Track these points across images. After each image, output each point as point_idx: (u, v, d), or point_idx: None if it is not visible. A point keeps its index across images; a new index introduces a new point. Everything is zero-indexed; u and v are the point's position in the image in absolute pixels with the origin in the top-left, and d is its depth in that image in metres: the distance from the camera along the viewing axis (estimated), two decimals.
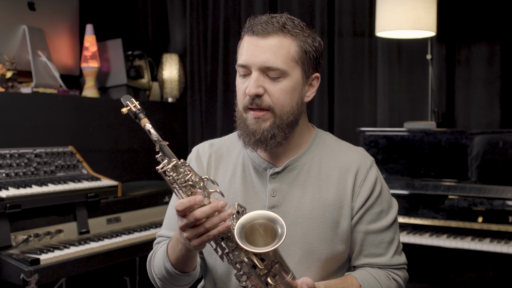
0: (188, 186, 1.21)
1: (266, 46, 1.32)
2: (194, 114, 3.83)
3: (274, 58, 1.31)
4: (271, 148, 1.36)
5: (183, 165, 1.23)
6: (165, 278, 1.39)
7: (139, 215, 2.88)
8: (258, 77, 1.32)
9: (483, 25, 2.95)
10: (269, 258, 1.18)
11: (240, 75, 1.37)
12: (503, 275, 2.61)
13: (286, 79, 1.33)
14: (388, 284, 1.39)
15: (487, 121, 2.95)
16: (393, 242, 1.42)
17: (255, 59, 1.32)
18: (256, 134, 1.34)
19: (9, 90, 2.77)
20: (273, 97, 1.33)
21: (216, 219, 1.18)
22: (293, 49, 1.34)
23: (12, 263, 2.14)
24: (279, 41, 1.32)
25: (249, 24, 1.36)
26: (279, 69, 1.32)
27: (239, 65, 1.36)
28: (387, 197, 1.44)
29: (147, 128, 1.26)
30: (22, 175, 2.44)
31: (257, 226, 1.20)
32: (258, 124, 1.34)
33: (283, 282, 1.21)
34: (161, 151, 1.24)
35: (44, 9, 3.11)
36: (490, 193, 2.54)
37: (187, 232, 1.19)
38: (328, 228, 1.37)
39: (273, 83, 1.33)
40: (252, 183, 1.42)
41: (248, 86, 1.32)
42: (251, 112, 1.34)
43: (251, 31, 1.34)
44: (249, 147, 1.38)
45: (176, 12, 3.95)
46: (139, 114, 1.28)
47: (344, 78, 3.31)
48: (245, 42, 1.36)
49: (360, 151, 1.48)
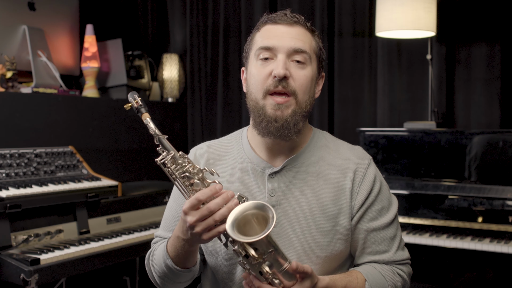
0: (187, 177, 1.22)
1: (294, 33, 1.37)
2: (194, 114, 3.83)
3: (302, 43, 1.36)
4: (291, 136, 1.36)
5: (182, 156, 1.25)
6: (165, 275, 1.39)
7: (139, 215, 2.88)
8: (285, 59, 1.34)
9: (483, 25, 2.95)
10: (262, 247, 1.18)
11: (259, 59, 1.37)
12: (503, 275, 2.61)
13: (309, 67, 1.37)
14: (393, 278, 1.40)
15: (487, 121, 2.95)
16: (395, 238, 1.43)
17: (283, 42, 1.35)
18: (278, 120, 1.33)
19: (9, 90, 2.77)
20: (298, 82, 1.34)
21: (225, 210, 1.19)
22: (313, 43, 1.40)
23: (12, 263, 2.14)
24: (303, 32, 1.39)
25: (269, 17, 1.40)
26: (307, 52, 1.36)
27: (263, 47, 1.36)
28: (386, 194, 1.45)
29: (145, 121, 1.30)
30: (22, 175, 2.44)
31: (249, 217, 1.21)
32: (280, 111, 1.33)
33: (281, 270, 1.20)
34: (160, 143, 1.27)
35: (44, 9, 3.11)
36: (490, 193, 2.54)
37: (198, 227, 1.19)
38: (327, 227, 1.37)
39: (298, 69, 1.35)
40: (251, 183, 1.42)
41: (277, 67, 1.33)
42: (273, 97, 1.34)
43: (274, 21, 1.38)
44: (268, 136, 1.37)
45: (176, 12, 3.95)
46: (141, 109, 1.32)
47: (344, 78, 3.31)
48: (268, 30, 1.39)
49: (357, 150, 1.48)
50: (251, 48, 1.42)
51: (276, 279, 1.21)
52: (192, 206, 1.19)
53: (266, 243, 1.19)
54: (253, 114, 1.38)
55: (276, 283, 1.21)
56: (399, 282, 1.42)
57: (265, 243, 1.19)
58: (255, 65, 1.38)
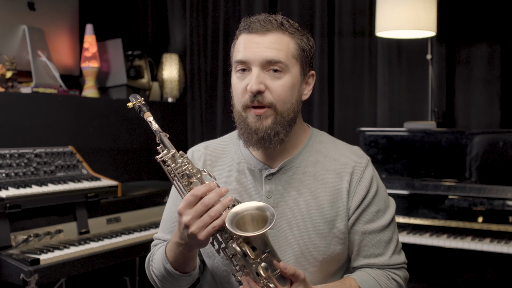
0: (186, 176, 1.23)
1: (266, 42, 1.31)
2: (194, 114, 3.83)
3: (276, 52, 1.31)
4: (274, 146, 1.34)
5: (182, 156, 1.26)
6: (165, 279, 1.39)
7: (139, 215, 2.88)
8: (259, 73, 1.31)
9: (483, 25, 2.94)
10: (259, 246, 1.19)
11: (237, 71, 1.36)
12: (503, 275, 2.61)
13: (287, 75, 1.33)
14: (387, 284, 1.38)
15: (487, 121, 2.95)
16: (391, 241, 1.41)
17: (255, 55, 1.31)
18: (259, 132, 1.32)
19: (9, 90, 2.77)
20: (275, 93, 1.31)
21: (219, 206, 1.19)
22: (292, 46, 1.34)
23: (12, 263, 2.14)
24: (279, 37, 1.32)
25: (245, 23, 1.35)
26: (281, 61, 1.31)
27: (238, 61, 1.34)
28: (383, 197, 1.43)
29: (149, 120, 1.30)
30: (22, 175, 2.44)
31: (248, 217, 1.21)
32: (260, 122, 1.32)
33: (275, 274, 1.20)
34: (161, 142, 1.27)
35: (44, 9, 3.11)
36: (490, 193, 2.54)
37: (193, 226, 1.19)
38: (324, 229, 1.36)
39: (274, 80, 1.31)
40: (247, 185, 1.41)
41: (250, 82, 1.31)
42: (252, 110, 1.32)
43: (249, 29, 1.33)
44: (251, 146, 1.36)
45: (176, 12, 3.95)
46: (143, 107, 1.32)
47: (344, 78, 3.31)
48: (243, 39, 1.35)
49: (356, 151, 1.46)
50: (232, 58, 1.40)
51: (270, 282, 1.20)
52: (187, 203, 1.19)
53: (263, 242, 1.19)
54: (238, 125, 1.38)
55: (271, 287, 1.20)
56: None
57: (263, 242, 1.19)
58: (234, 78, 1.37)
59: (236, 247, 1.19)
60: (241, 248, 1.18)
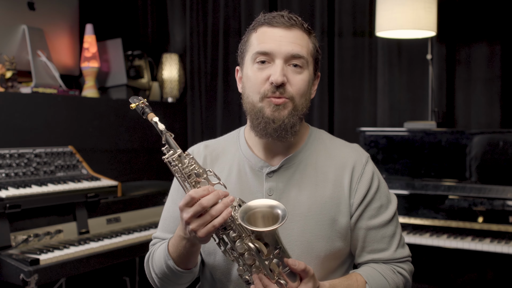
0: (193, 176, 1.24)
1: (291, 37, 1.35)
2: (194, 114, 3.83)
3: (300, 47, 1.35)
4: (289, 137, 1.37)
5: (187, 156, 1.26)
6: (166, 276, 1.39)
7: (139, 215, 2.88)
8: (283, 65, 1.34)
9: (483, 25, 2.94)
10: (271, 242, 1.20)
11: (256, 62, 1.36)
12: (503, 275, 2.61)
13: (306, 71, 1.37)
14: (393, 278, 1.39)
15: (487, 121, 2.95)
16: (395, 235, 1.43)
17: (281, 48, 1.34)
18: (276, 121, 1.34)
19: (9, 90, 2.77)
20: (295, 86, 1.35)
21: (220, 205, 1.19)
22: (311, 45, 1.40)
23: (12, 263, 2.14)
24: (301, 34, 1.38)
25: (266, 18, 1.38)
26: (303, 57, 1.36)
27: (261, 52, 1.35)
28: (385, 192, 1.45)
29: (154, 120, 1.29)
30: (22, 175, 2.44)
31: (258, 214, 1.22)
32: (278, 112, 1.34)
33: (285, 270, 1.22)
34: (167, 142, 1.27)
35: (44, 9, 3.11)
36: (490, 193, 2.54)
37: (193, 224, 1.19)
38: (326, 225, 1.37)
39: (295, 74, 1.35)
40: (248, 183, 1.42)
41: (274, 74, 1.33)
42: (271, 99, 1.34)
43: (271, 23, 1.36)
44: (265, 137, 1.38)
45: (176, 12, 3.95)
46: (146, 109, 1.31)
47: (344, 78, 3.31)
48: (266, 32, 1.37)
49: (355, 148, 1.48)
50: (247, 50, 1.41)
51: (281, 279, 1.21)
52: (186, 203, 1.20)
53: (274, 239, 1.20)
54: (251, 116, 1.39)
55: (283, 284, 1.21)
56: (401, 282, 1.41)
57: (273, 239, 1.20)
58: (252, 68, 1.37)
59: (249, 243, 1.19)
60: (254, 244, 1.19)
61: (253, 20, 1.42)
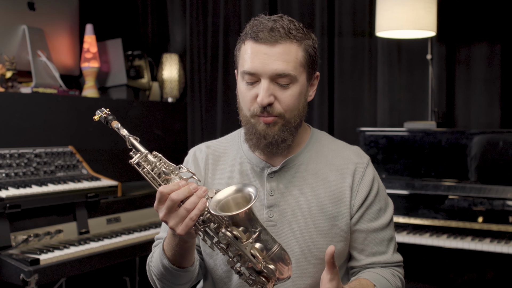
0: (162, 174, 1.24)
1: (276, 54, 1.30)
2: (194, 114, 3.83)
3: (285, 64, 1.30)
4: (281, 151, 1.37)
5: (155, 156, 1.26)
6: (163, 277, 1.38)
7: (139, 215, 2.88)
8: (268, 85, 1.31)
9: (483, 25, 2.94)
10: (248, 226, 1.19)
11: (245, 82, 1.35)
12: (503, 275, 2.61)
13: (295, 85, 1.34)
14: (395, 281, 1.41)
15: (487, 121, 2.95)
16: (392, 239, 1.45)
17: (265, 67, 1.30)
18: (268, 137, 1.34)
19: (9, 90, 2.77)
20: (283, 103, 1.33)
21: (194, 198, 1.18)
22: (300, 54, 1.34)
23: (12, 263, 2.14)
24: (287, 47, 1.31)
25: (252, 30, 1.33)
26: (290, 74, 1.31)
27: (247, 72, 1.33)
28: (384, 195, 1.46)
29: (116, 126, 1.32)
30: (22, 175, 2.44)
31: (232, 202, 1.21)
32: (269, 128, 1.34)
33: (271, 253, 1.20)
34: (132, 145, 1.29)
35: (44, 9, 3.11)
36: (490, 193, 2.54)
37: (170, 221, 1.19)
38: (326, 226, 1.38)
39: (283, 90, 1.32)
40: (250, 183, 1.42)
41: (260, 95, 1.31)
42: (261, 118, 1.34)
43: (256, 38, 1.31)
44: (258, 151, 1.39)
45: (176, 12, 3.95)
46: (109, 117, 1.35)
47: (344, 78, 3.31)
48: (250, 49, 1.33)
49: (356, 150, 1.49)
50: (238, 61, 1.39)
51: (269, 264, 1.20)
52: (158, 200, 1.19)
53: (252, 222, 1.19)
54: (245, 129, 1.39)
55: (271, 269, 1.20)
56: (400, 285, 1.43)
57: (251, 222, 1.19)
58: (242, 84, 1.37)
59: (226, 232, 1.18)
60: (231, 232, 1.18)
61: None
